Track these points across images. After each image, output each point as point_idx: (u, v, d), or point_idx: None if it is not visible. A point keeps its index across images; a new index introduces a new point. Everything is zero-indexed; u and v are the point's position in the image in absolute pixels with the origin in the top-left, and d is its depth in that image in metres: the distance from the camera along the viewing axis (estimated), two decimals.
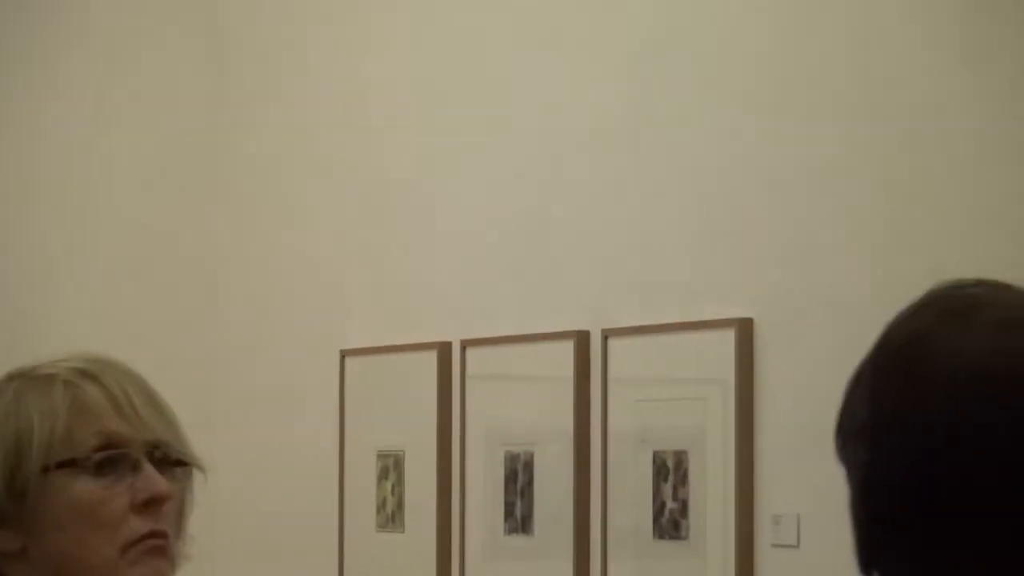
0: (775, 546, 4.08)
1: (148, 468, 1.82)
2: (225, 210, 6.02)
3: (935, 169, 3.76)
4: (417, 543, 5.03)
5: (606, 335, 4.44)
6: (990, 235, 3.64)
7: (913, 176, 3.81)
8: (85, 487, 1.80)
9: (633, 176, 4.48)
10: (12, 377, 1.89)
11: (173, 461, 1.86)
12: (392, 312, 5.25)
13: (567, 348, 4.53)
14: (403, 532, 5.11)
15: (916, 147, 3.80)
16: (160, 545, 1.84)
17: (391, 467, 5.18)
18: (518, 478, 4.70)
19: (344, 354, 5.38)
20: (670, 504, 4.31)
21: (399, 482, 5.15)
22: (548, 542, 4.61)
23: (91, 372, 1.86)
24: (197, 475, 1.94)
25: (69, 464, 1.80)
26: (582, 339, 4.50)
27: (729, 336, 4.11)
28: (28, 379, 1.86)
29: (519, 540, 4.69)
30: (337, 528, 5.38)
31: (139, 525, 1.81)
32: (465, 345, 4.92)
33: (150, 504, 1.81)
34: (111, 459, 1.81)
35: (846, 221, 3.94)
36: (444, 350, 4.99)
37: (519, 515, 4.69)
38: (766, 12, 4.16)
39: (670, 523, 4.30)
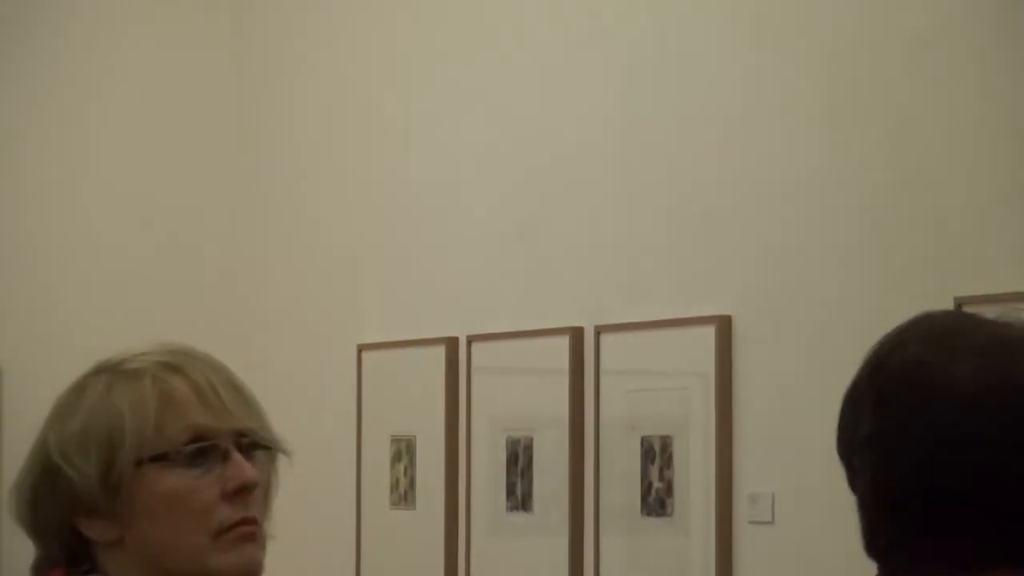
0: (752, 522, 4.08)
1: (236, 457, 1.77)
2: (249, 217, 6.01)
3: (908, 177, 3.75)
4: (427, 520, 5.04)
5: (598, 331, 4.44)
6: (962, 239, 3.63)
7: (885, 185, 3.80)
8: (177, 478, 1.74)
9: (622, 187, 4.48)
10: (100, 371, 1.83)
11: (259, 447, 1.81)
12: (404, 310, 5.26)
13: (563, 343, 4.53)
14: (414, 509, 5.12)
15: (889, 155, 3.79)
16: (251, 531, 1.80)
17: (403, 450, 5.18)
18: (519, 461, 4.70)
19: (361, 348, 5.39)
20: (656, 484, 4.31)
21: (411, 464, 5.15)
22: (546, 519, 4.62)
23: (176, 365, 1.80)
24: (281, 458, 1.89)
25: (161, 458, 1.74)
26: (577, 335, 4.51)
27: (710, 332, 4.11)
28: (116, 374, 1.80)
29: (519, 517, 4.70)
30: (354, 506, 5.39)
31: (230, 513, 1.76)
32: (471, 340, 4.93)
33: (240, 492, 1.77)
34: (201, 451, 1.75)
35: (818, 228, 3.93)
36: (451, 345, 4.99)
37: (519, 494, 4.70)
38: (749, 26, 4.15)
39: (656, 501, 4.30)
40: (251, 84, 6.06)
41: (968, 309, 3.50)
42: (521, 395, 4.74)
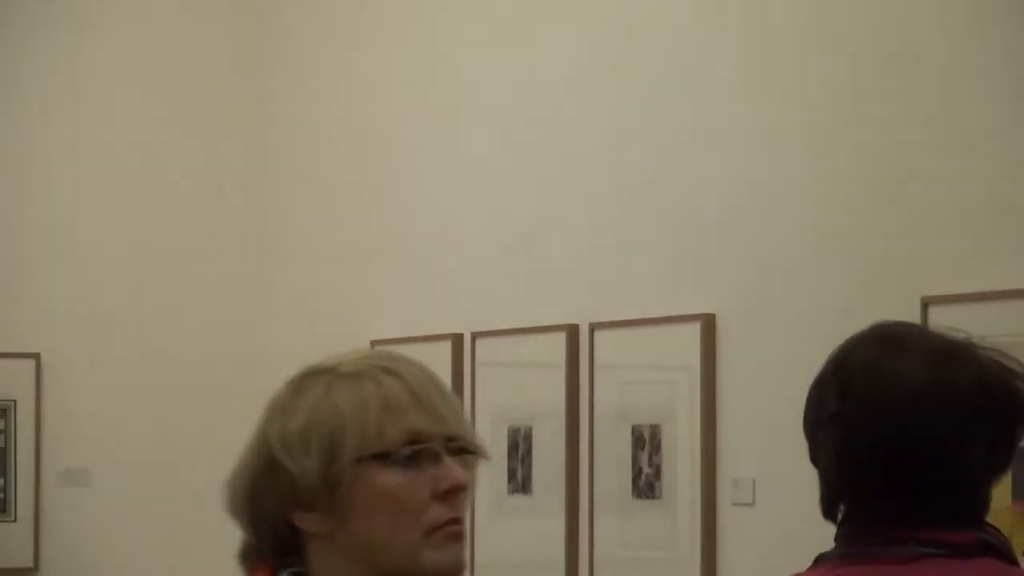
0: (734, 504, 4.09)
1: (448, 460, 1.73)
2: (269, 221, 6.02)
3: (878, 187, 3.75)
4: None
5: (593, 328, 4.45)
6: (927, 244, 3.63)
7: (857, 195, 3.80)
8: (394, 478, 1.71)
9: (615, 197, 4.48)
10: (315, 373, 1.80)
11: (465, 451, 1.76)
12: (413, 308, 5.26)
13: (560, 339, 4.54)
14: None
15: (862, 167, 3.80)
16: (459, 531, 1.76)
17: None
18: (519, 448, 4.71)
19: (373, 344, 5.39)
20: (646, 469, 4.31)
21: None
22: (544, 501, 4.62)
23: (394, 370, 1.76)
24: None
25: (382, 457, 1.71)
26: (573, 332, 4.51)
27: (695, 329, 4.12)
28: (335, 376, 1.77)
29: (520, 499, 4.71)
30: None
31: (440, 512, 1.72)
32: (475, 336, 4.94)
33: (450, 493, 1.72)
34: (416, 453, 1.71)
35: (795, 234, 3.94)
36: (457, 341, 4.99)
37: (520, 479, 4.70)
38: (734, 45, 4.15)
39: (646, 485, 4.30)
40: (271, 90, 6.06)
41: (933, 308, 3.51)
42: (521, 387, 4.75)
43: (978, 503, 2.05)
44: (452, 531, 1.73)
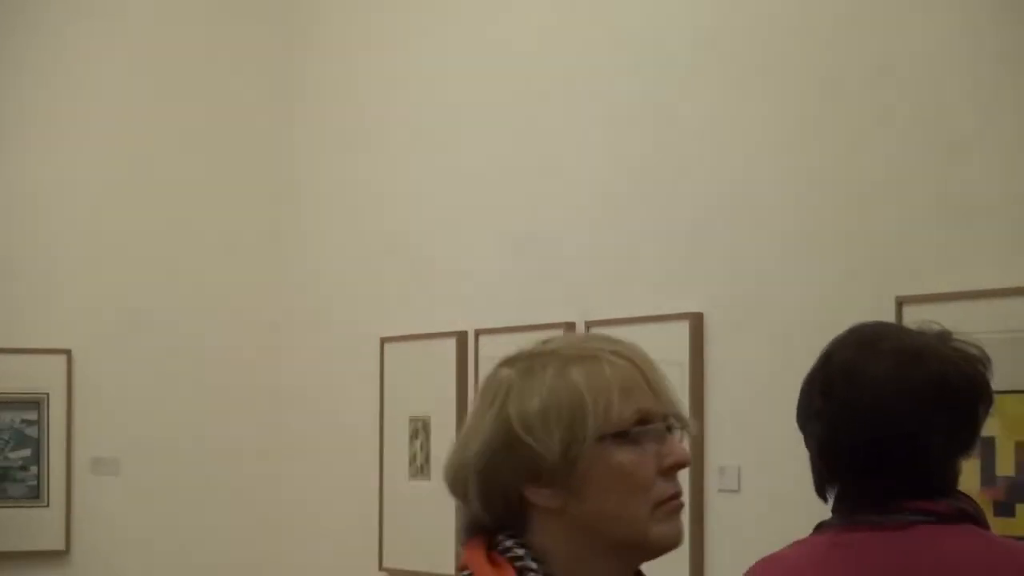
0: (720, 491, 4.09)
1: (672, 438, 1.73)
2: (290, 227, 6.03)
3: (855, 193, 3.75)
4: (440, 489, 4.96)
5: (588, 326, 4.43)
6: (902, 247, 3.63)
7: (835, 201, 3.80)
8: (628, 454, 1.69)
9: (609, 205, 4.49)
10: (539, 355, 1.75)
11: (679, 429, 1.75)
12: (421, 308, 5.27)
13: (557, 335, 4.52)
14: (429, 480, 5.12)
15: (840, 174, 3.80)
16: (681, 504, 1.75)
17: (420, 429, 5.18)
18: None
19: (383, 341, 5.40)
20: None
21: (426, 441, 5.15)
22: None
23: (624, 353, 1.74)
24: None
25: (620, 435, 1.69)
26: (570, 329, 4.50)
27: (684, 326, 4.12)
28: (565, 358, 1.73)
29: None
30: (378, 477, 5.40)
31: (665, 488, 1.72)
32: (478, 333, 4.93)
33: (672, 468, 1.72)
34: (646, 431, 1.70)
35: (777, 238, 3.94)
36: (461, 338, 5.00)
37: None
38: (717, 68, 4.15)
39: None
40: (295, 97, 6.06)
41: (907, 307, 3.51)
42: None
43: (949, 477, 2.28)
44: (676, 505, 1.73)
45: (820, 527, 2.25)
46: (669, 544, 1.72)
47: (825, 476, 2.21)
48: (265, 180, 6.05)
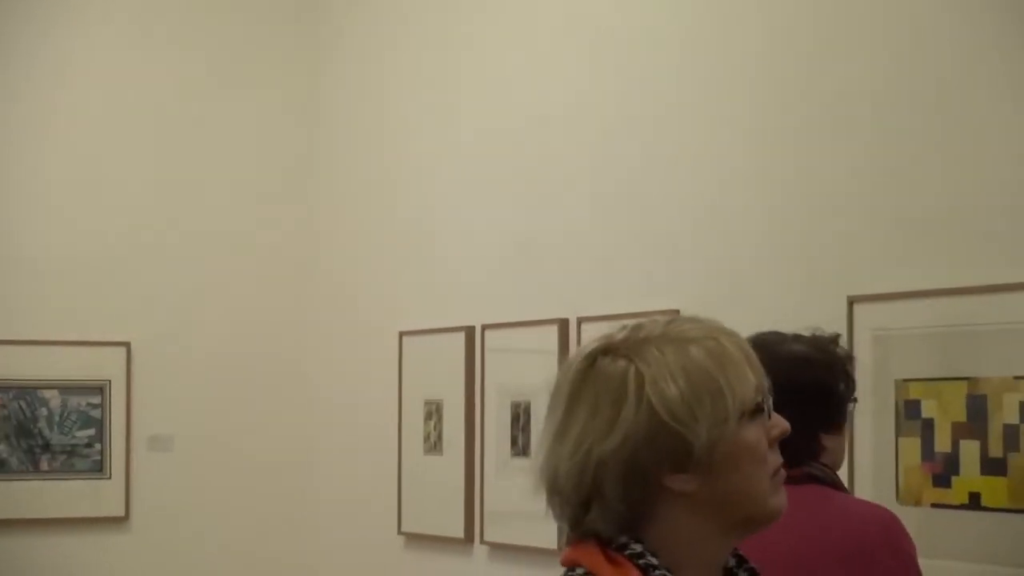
0: None
1: (773, 412, 1.58)
2: (316, 232, 6.02)
3: (810, 202, 3.74)
4: (451, 463, 5.04)
5: (580, 321, 4.43)
6: (853, 249, 3.61)
7: (794, 210, 3.79)
8: (753, 432, 1.54)
9: (599, 212, 4.48)
10: (643, 341, 1.58)
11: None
12: (433, 305, 5.25)
13: (552, 330, 4.52)
14: (441, 455, 5.11)
15: (797, 188, 3.78)
16: (784, 475, 1.59)
17: (433, 411, 5.17)
18: (520, 419, 4.69)
19: (401, 334, 5.40)
20: None
21: (439, 421, 5.14)
22: None
23: (730, 334, 1.59)
24: None
25: (755, 413, 1.54)
26: (563, 324, 4.50)
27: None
28: (682, 341, 1.56)
29: (521, 461, 4.68)
30: (396, 452, 5.39)
31: (774, 459, 1.57)
32: (484, 328, 4.92)
33: (778, 439, 1.57)
34: (760, 407, 1.55)
35: (744, 243, 3.93)
36: (470, 332, 4.98)
37: (520, 444, 4.68)
38: (691, 89, 4.15)
39: None
40: (319, 111, 6.05)
41: (857, 306, 3.50)
42: (521, 370, 4.72)
43: (813, 447, 2.50)
44: (783, 474, 1.59)
45: None
46: (781, 512, 1.57)
47: None
48: (293, 190, 6.05)
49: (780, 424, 1.57)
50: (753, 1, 3.91)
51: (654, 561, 1.51)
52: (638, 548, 1.51)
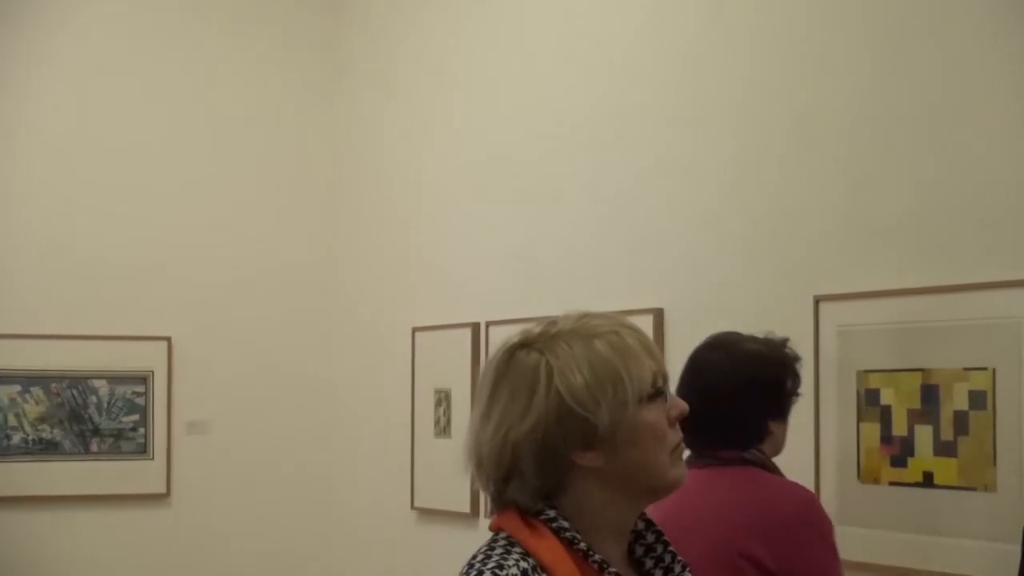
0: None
1: (671, 393, 1.61)
2: (339, 238, 6.02)
3: (779, 209, 3.73)
4: (458, 445, 4.98)
5: None
6: (819, 251, 3.60)
7: (765, 219, 3.78)
8: (653, 413, 1.57)
9: (589, 220, 4.47)
10: (553, 337, 1.62)
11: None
12: (443, 303, 5.25)
13: (548, 319, 4.49)
14: (450, 438, 5.10)
15: (767, 198, 3.78)
16: (683, 449, 1.62)
17: (443, 399, 5.17)
18: None
19: (414, 330, 5.39)
20: None
21: (447, 408, 5.14)
22: None
23: (626, 324, 1.62)
24: None
25: (653, 396, 1.57)
26: None
27: (648, 319, 4.08)
28: (586, 335, 1.60)
29: None
30: (410, 435, 5.39)
31: (674, 436, 1.59)
32: (488, 324, 4.91)
33: (677, 418, 1.60)
34: (660, 390, 1.59)
35: (725, 248, 3.93)
36: (475, 328, 4.97)
37: None
38: (671, 110, 4.14)
39: None
40: (341, 135, 6.05)
41: (823, 304, 3.49)
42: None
43: (762, 431, 2.58)
44: (682, 449, 1.62)
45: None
46: (680, 482, 1.60)
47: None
48: (324, 208, 6.05)
49: (678, 405, 1.60)
50: (735, 25, 3.90)
51: (565, 524, 1.54)
52: (552, 514, 1.56)
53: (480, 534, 4.89)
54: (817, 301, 3.50)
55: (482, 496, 4.87)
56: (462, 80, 5.24)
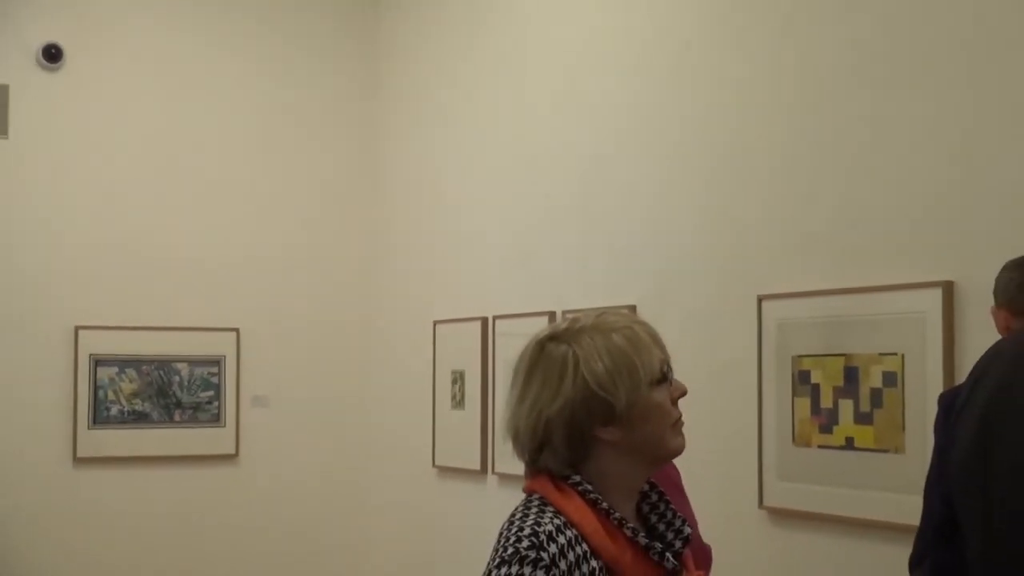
0: None
1: (675, 377, 1.61)
2: (372, 241, 5.99)
3: (732, 217, 3.70)
4: (471, 417, 5.00)
5: (564, 313, 4.39)
6: (763, 251, 3.55)
7: (708, 223, 3.75)
8: (661, 394, 1.57)
9: (582, 225, 4.44)
10: (577, 331, 1.58)
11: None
12: (458, 301, 5.21)
13: (544, 320, 4.44)
14: (464, 410, 5.06)
15: (729, 203, 3.75)
16: (683, 423, 1.62)
17: (458, 378, 5.13)
18: None
19: (435, 323, 5.37)
20: None
21: (462, 385, 5.11)
22: None
23: (638, 320, 1.61)
24: None
25: (661, 381, 1.57)
26: (552, 316, 4.45)
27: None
28: (605, 330, 1.57)
29: None
30: (431, 407, 5.36)
31: (676, 412, 1.59)
32: (495, 319, 4.87)
33: (679, 398, 1.60)
34: (666, 375, 1.58)
35: (684, 253, 3.90)
36: (484, 321, 4.94)
37: None
38: (656, 136, 4.11)
39: None
40: (379, 133, 6.02)
41: (765, 303, 3.47)
42: (521, 349, 4.68)
43: None
44: (682, 423, 1.61)
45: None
46: (681, 451, 1.60)
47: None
48: (362, 223, 6.02)
49: (680, 387, 1.60)
50: (698, 68, 3.88)
51: (590, 488, 1.55)
52: (578, 479, 1.56)
53: (488, 487, 4.89)
54: (760, 299, 3.48)
55: (489, 457, 4.85)
56: (477, 114, 5.18)
